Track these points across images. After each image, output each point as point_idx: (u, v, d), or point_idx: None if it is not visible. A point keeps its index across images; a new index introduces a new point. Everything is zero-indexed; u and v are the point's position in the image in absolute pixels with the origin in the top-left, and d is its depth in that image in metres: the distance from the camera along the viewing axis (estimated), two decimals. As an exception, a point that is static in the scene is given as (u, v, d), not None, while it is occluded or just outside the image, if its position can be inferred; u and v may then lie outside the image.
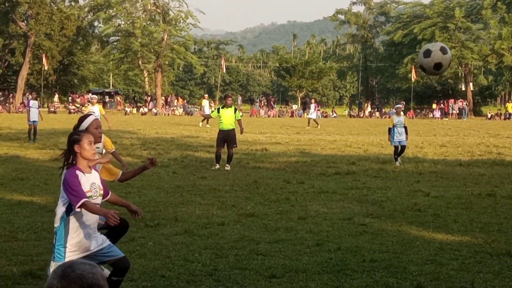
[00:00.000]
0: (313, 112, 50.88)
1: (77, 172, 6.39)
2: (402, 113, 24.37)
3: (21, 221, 11.54)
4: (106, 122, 25.67)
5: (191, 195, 14.88)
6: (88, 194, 6.35)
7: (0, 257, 9.11)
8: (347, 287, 8.01)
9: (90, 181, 6.50)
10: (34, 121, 29.27)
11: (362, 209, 13.38)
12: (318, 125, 48.31)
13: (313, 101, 54.52)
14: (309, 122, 49.46)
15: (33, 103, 29.97)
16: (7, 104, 77.21)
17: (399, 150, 22.71)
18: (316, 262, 9.09)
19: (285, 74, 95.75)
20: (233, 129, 20.69)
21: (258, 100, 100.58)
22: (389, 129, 22.82)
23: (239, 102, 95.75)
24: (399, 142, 22.62)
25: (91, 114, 8.53)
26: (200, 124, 45.83)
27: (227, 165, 20.35)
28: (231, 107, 21.00)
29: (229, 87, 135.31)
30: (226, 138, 20.48)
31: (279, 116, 78.83)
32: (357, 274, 8.55)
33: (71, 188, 6.26)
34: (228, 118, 20.62)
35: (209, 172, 19.26)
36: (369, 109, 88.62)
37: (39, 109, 30.45)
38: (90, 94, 25.41)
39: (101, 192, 6.64)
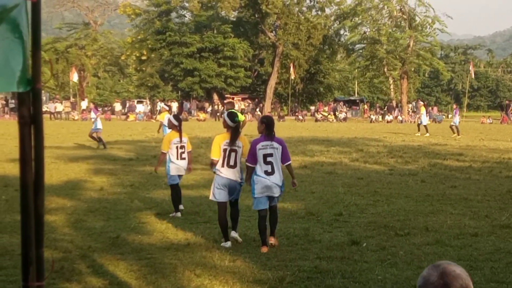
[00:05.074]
0: (424, 117, 44.61)
1: None
2: None
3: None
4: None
5: (441, 204, 14.52)
6: None
7: (255, 261, 9.42)
8: None
9: None
10: None
11: None
12: (425, 132, 42.42)
13: (421, 104, 48.77)
14: (419, 128, 43.98)
15: None
16: (256, 113, 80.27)
17: None
18: None
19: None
20: None
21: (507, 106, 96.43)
22: None
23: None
24: None
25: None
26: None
27: None
28: None
29: (477, 93, 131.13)
30: None
31: (531, 123, 75.03)
32: None
33: None
34: None
35: (459, 181, 18.68)
36: None
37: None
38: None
39: None
